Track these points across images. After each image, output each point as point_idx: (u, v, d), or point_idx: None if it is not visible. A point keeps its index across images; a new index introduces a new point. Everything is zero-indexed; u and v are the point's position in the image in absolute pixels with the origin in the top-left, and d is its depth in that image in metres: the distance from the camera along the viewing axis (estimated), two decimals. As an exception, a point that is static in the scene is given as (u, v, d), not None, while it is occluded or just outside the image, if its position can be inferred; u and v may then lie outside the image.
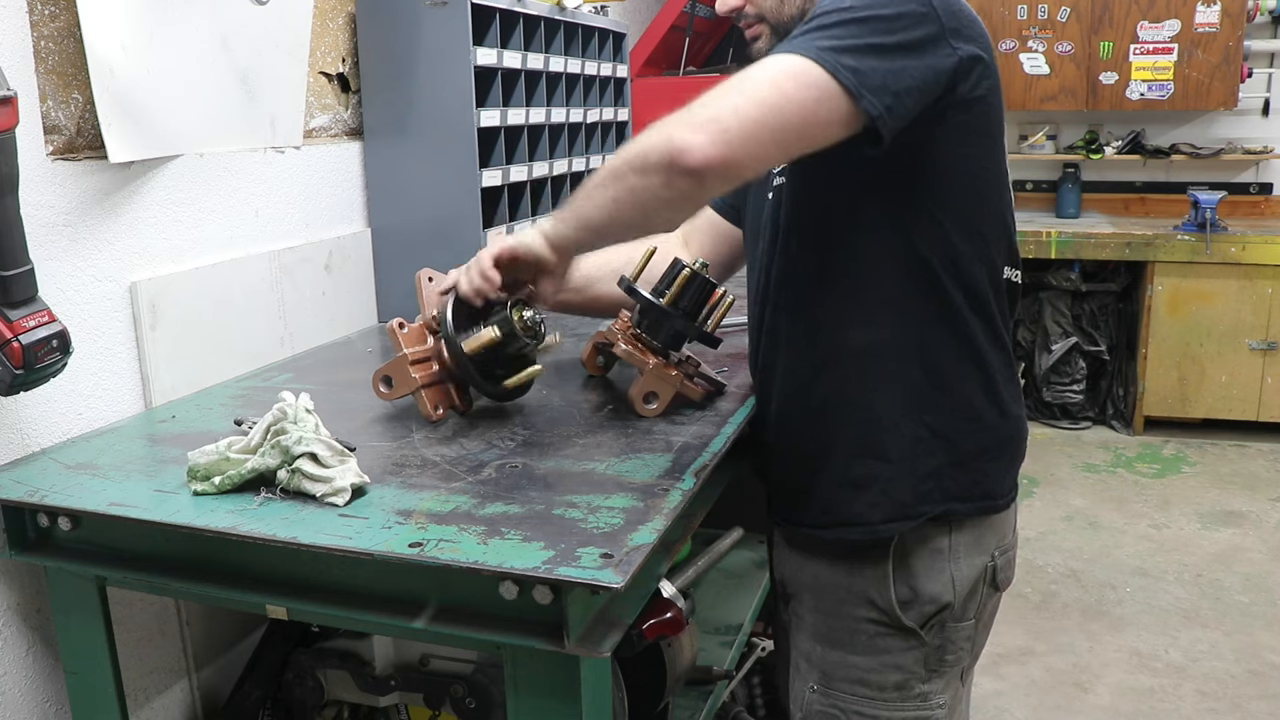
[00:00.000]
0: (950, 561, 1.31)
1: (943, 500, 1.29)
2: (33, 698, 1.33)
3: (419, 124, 1.92)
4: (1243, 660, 2.90)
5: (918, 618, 1.31)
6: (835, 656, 1.36)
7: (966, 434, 1.29)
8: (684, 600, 1.65)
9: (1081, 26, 4.79)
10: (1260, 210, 5.09)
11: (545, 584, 0.94)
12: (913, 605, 1.31)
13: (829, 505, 1.33)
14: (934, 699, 1.35)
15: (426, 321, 1.35)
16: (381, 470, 1.18)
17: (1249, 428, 4.64)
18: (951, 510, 1.30)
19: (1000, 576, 1.37)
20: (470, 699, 1.35)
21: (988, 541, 1.34)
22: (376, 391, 1.33)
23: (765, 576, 2.21)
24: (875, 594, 1.31)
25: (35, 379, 1.19)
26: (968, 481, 1.30)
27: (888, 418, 1.27)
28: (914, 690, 1.34)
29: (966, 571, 1.32)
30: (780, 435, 1.38)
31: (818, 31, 1.12)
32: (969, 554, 1.32)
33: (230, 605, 1.33)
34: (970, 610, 1.34)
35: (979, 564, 1.33)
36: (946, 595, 1.31)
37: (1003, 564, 1.36)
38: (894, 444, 1.27)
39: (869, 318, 1.27)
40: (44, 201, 1.31)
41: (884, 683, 1.33)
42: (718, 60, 3.93)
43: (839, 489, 1.31)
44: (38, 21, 1.29)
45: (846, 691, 1.35)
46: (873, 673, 1.33)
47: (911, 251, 1.24)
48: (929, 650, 1.33)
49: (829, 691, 1.37)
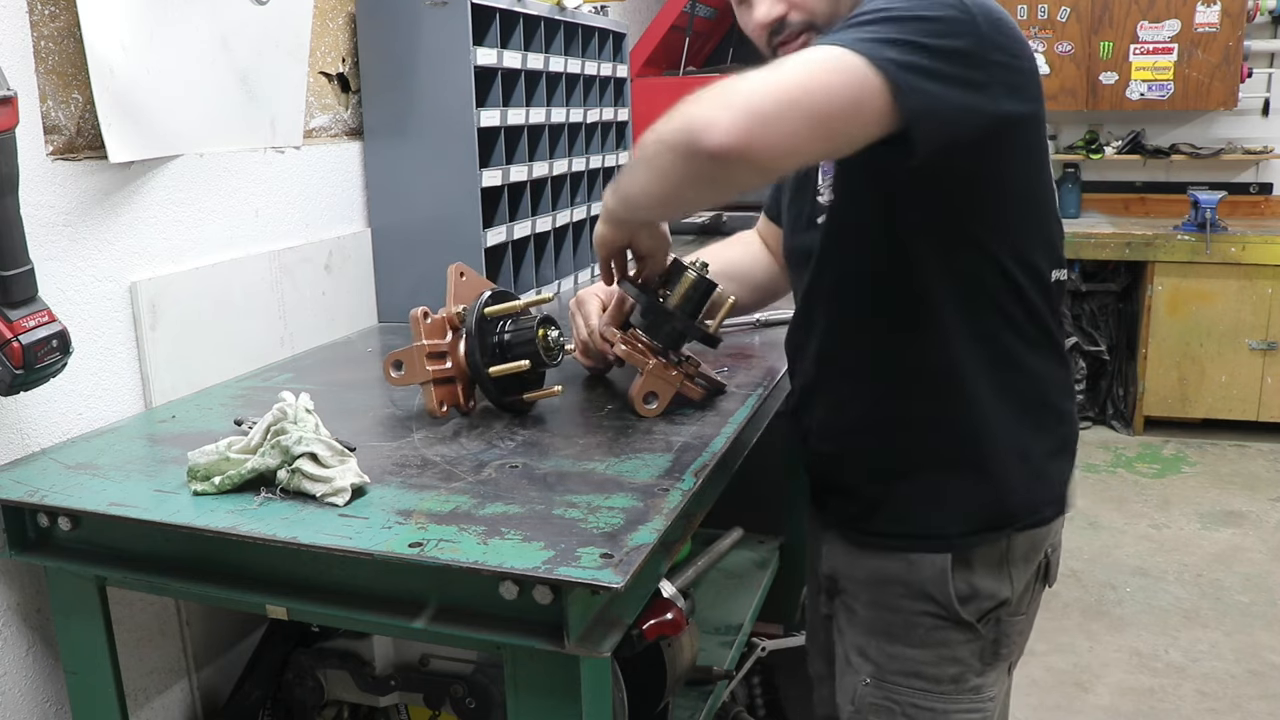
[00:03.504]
0: (1009, 561, 1.32)
1: (1021, 512, 1.31)
2: (33, 698, 1.32)
3: (419, 124, 1.92)
4: (1243, 660, 2.90)
5: (975, 612, 1.32)
6: (891, 649, 1.36)
7: (1036, 442, 1.31)
8: (684, 600, 1.65)
9: (1081, 26, 4.79)
10: (1260, 210, 5.09)
11: (545, 584, 0.94)
12: (971, 600, 1.31)
13: (902, 517, 1.33)
14: (986, 691, 1.36)
15: (450, 316, 1.36)
16: (381, 470, 1.18)
17: (1249, 428, 4.64)
18: (1025, 520, 1.31)
19: (1052, 572, 1.39)
20: (470, 699, 1.35)
21: (1043, 540, 1.35)
22: (386, 374, 1.34)
23: (765, 576, 2.22)
24: (934, 589, 1.31)
25: (35, 379, 1.19)
26: (1041, 489, 1.32)
27: (964, 434, 1.28)
28: (969, 683, 1.34)
29: (1023, 569, 1.33)
30: (844, 449, 1.38)
31: (859, 27, 1.07)
32: (1026, 553, 1.33)
33: (230, 605, 1.33)
34: (1024, 604, 1.35)
35: (1035, 561, 1.34)
36: (1005, 591, 1.32)
37: (1054, 560, 1.39)
38: (972, 460, 1.28)
39: (930, 336, 1.26)
40: (44, 201, 1.31)
41: (941, 675, 1.34)
42: (718, 60, 3.93)
43: (914, 503, 1.32)
44: (38, 21, 1.29)
45: (903, 684, 1.35)
46: (930, 665, 1.34)
47: (966, 268, 1.23)
48: (985, 643, 1.33)
49: (883, 684, 1.37)
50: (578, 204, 2.41)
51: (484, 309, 1.33)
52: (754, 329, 1.85)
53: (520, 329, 1.35)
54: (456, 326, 1.36)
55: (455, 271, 1.41)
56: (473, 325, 1.32)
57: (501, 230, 2.03)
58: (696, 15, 3.57)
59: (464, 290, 1.40)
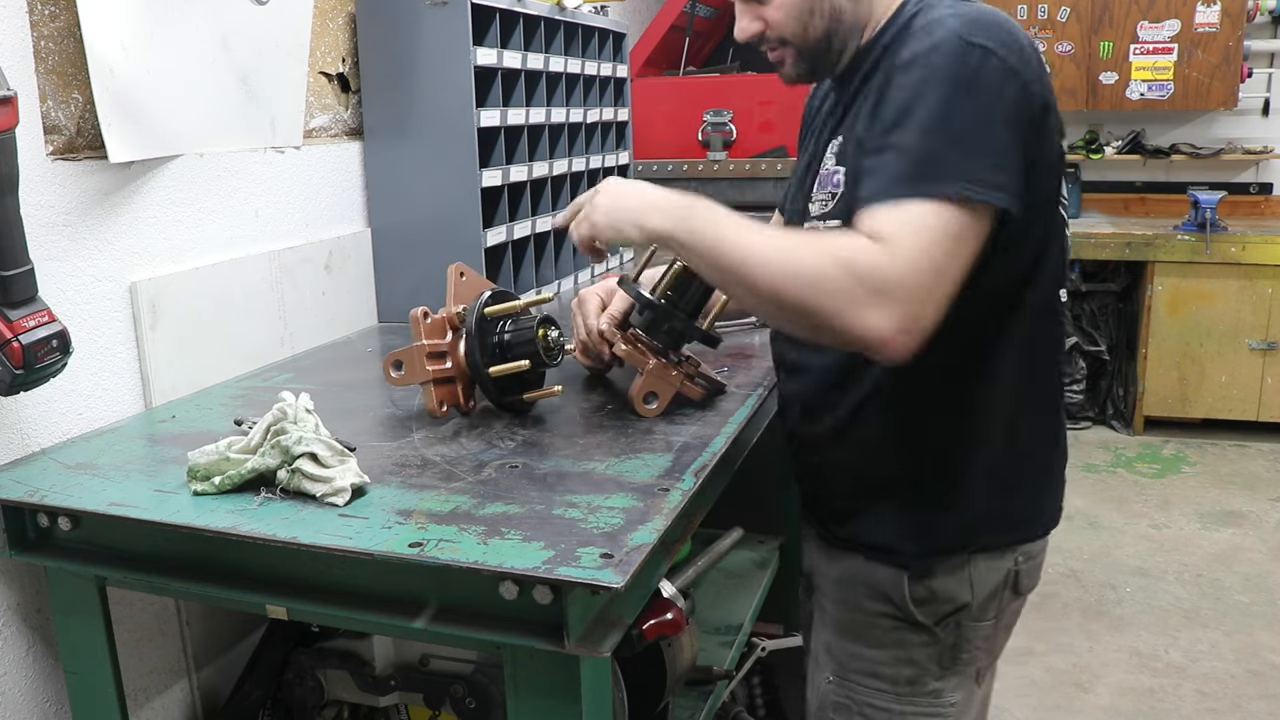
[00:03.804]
0: (970, 567, 1.31)
1: (984, 537, 1.31)
2: (33, 698, 1.32)
3: (419, 124, 1.92)
4: (1243, 660, 2.90)
5: (932, 615, 1.32)
6: (852, 649, 1.37)
7: (1010, 473, 1.30)
8: (684, 600, 1.65)
9: (1081, 26, 4.79)
10: (1260, 210, 5.09)
11: (545, 584, 0.94)
12: (928, 603, 1.31)
13: (868, 529, 1.34)
14: (946, 696, 1.35)
15: (450, 316, 1.36)
16: (381, 470, 1.18)
17: (1249, 428, 4.64)
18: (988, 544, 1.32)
19: (1023, 582, 1.36)
20: (470, 699, 1.35)
21: (1010, 550, 1.34)
22: (386, 374, 1.34)
23: (765, 576, 2.22)
24: (891, 590, 1.32)
25: (35, 379, 1.19)
26: (1009, 519, 1.32)
27: (937, 461, 1.28)
28: (926, 686, 1.34)
29: (986, 575, 1.32)
30: (818, 458, 1.39)
31: (928, 162, 1.08)
32: (990, 560, 1.32)
33: (230, 605, 1.33)
34: (989, 611, 1.33)
35: (1001, 569, 1.33)
36: (964, 595, 1.31)
37: (1026, 570, 1.35)
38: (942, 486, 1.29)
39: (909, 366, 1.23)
40: (44, 201, 1.31)
41: (897, 676, 1.34)
42: (718, 60, 3.93)
43: (879, 519, 1.33)
44: (38, 21, 1.29)
45: (860, 683, 1.37)
46: (886, 666, 1.35)
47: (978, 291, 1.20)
48: (943, 647, 1.33)
49: (844, 682, 1.38)
50: (578, 204, 2.40)
51: (484, 309, 1.33)
52: (754, 329, 1.85)
53: (520, 329, 1.35)
54: (456, 326, 1.36)
55: (455, 271, 1.41)
56: (473, 325, 1.32)
57: (501, 230, 2.03)
58: (696, 15, 3.57)
59: (464, 290, 1.40)
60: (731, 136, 3.26)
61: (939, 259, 1.06)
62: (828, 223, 1.25)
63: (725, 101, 3.28)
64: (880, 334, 1.04)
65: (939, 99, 1.10)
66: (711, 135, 3.27)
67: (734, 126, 3.26)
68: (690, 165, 3.21)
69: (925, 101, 1.10)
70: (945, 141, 1.09)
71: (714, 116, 3.28)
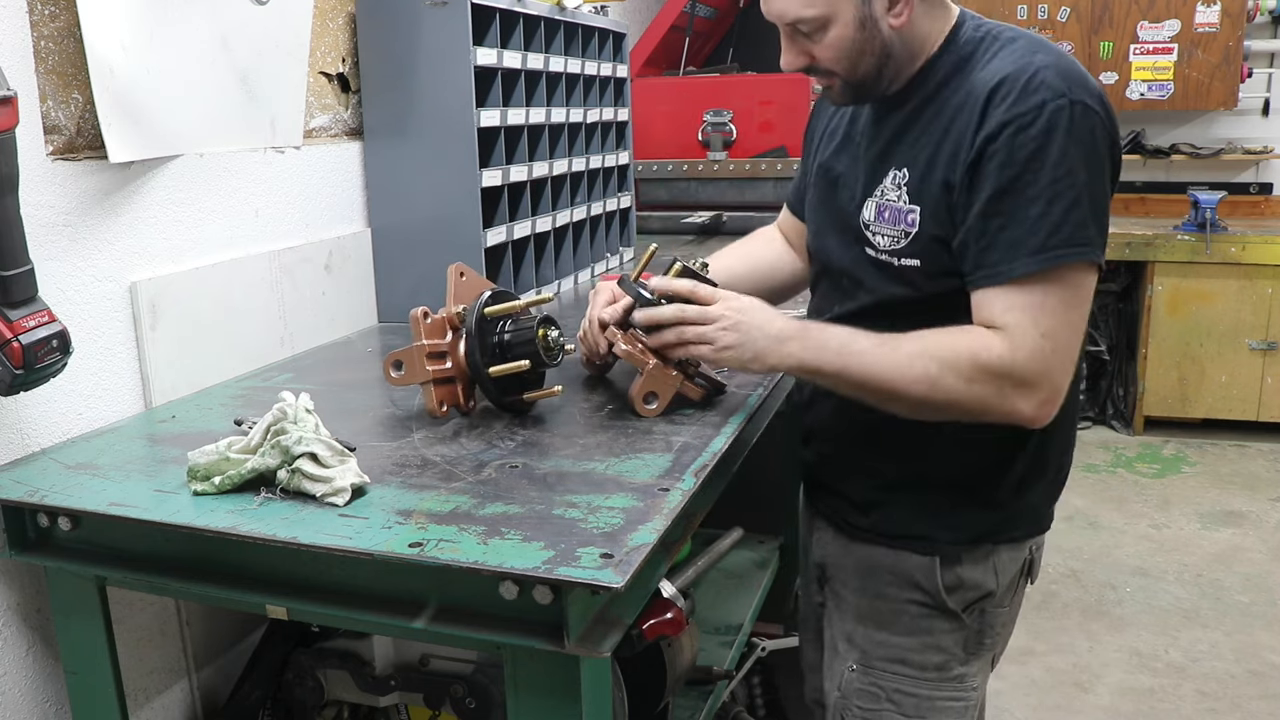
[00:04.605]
0: (994, 556, 1.36)
1: (1009, 529, 1.36)
2: (33, 698, 1.33)
3: (419, 124, 1.92)
4: (1243, 660, 2.90)
5: (961, 602, 1.36)
6: (878, 636, 1.40)
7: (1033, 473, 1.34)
8: (684, 600, 1.65)
9: (1081, 26, 4.79)
10: (1260, 210, 5.09)
11: (545, 584, 0.94)
12: (958, 590, 1.35)
13: (893, 521, 1.37)
14: (969, 681, 1.39)
15: (450, 316, 1.36)
16: (381, 470, 1.18)
17: (1249, 428, 4.64)
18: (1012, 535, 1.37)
19: (1035, 568, 1.43)
20: (470, 699, 1.35)
21: (1028, 540, 1.40)
22: (386, 374, 1.34)
23: (765, 576, 2.22)
24: (922, 578, 1.36)
25: (35, 379, 1.19)
26: (1030, 513, 1.38)
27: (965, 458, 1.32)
28: (953, 671, 1.38)
29: (1008, 564, 1.37)
30: (845, 453, 1.41)
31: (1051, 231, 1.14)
32: (1011, 550, 1.38)
33: (230, 605, 1.33)
34: (1009, 597, 1.40)
35: (1020, 558, 1.39)
36: (990, 583, 1.36)
37: (1037, 558, 1.43)
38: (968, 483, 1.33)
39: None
40: (44, 201, 1.31)
41: (925, 663, 1.38)
42: (718, 60, 3.94)
43: (906, 512, 1.36)
44: (38, 21, 1.29)
45: (888, 670, 1.39)
46: (915, 652, 1.38)
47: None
48: (969, 633, 1.37)
49: (870, 670, 1.41)
50: (578, 204, 2.41)
51: (484, 309, 1.33)
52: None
53: (520, 329, 1.35)
54: (456, 326, 1.36)
55: (455, 271, 1.41)
56: (473, 325, 1.32)
57: (501, 230, 2.03)
58: (696, 15, 3.57)
59: (464, 290, 1.40)
60: (731, 136, 3.26)
61: (1060, 336, 1.15)
62: (902, 260, 1.27)
63: (725, 101, 3.28)
64: (1026, 416, 1.18)
65: (1053, 165, 1.13)
66: (711, 135, 3.27)
67: (734, 126, 3.26)
68: (690, 165, 3.21)
69: (1038, 167, 1.13)
70: (1064, 209, 1.13)
71: (714, 116, 3.28)
